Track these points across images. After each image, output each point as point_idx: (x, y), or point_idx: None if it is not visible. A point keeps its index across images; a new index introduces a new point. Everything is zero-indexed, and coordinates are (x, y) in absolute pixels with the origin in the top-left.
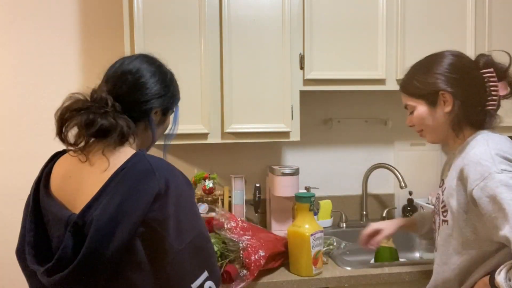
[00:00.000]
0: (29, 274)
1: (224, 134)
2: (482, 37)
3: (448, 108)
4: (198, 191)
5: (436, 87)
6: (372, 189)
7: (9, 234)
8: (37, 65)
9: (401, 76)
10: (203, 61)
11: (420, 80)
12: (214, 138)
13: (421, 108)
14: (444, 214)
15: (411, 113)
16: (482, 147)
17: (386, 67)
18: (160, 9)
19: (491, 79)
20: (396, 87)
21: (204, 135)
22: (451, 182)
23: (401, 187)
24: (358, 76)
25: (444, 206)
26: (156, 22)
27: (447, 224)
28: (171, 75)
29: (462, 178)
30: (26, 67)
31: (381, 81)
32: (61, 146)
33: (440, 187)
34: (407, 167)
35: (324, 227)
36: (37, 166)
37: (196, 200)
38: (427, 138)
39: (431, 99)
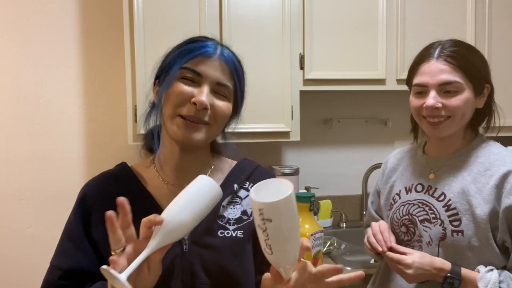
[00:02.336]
0: None
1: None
2: (482, 37)
3: (481, 103)
4: None
5: (487, 77)
6: (372, 189)
7: (9, 234)
8: (37, 65)
9: (401, 76)
10: None
11: (478, 62)
12: None
13: (469, 93)
14: (455, 223)
15: (448, 92)
16: None
17: (386, 67)
18: (160, 9)
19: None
20: (396, 87)
21: None
22: (470, 187)
23: None
24: (358, 76)
25: (456, 214)
26: (156, 22)
27: (462, 234)
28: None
29: (501, 187)
30: (26, 67)
31: (381, 81)
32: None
33: (422, 192)
34: None
35: (324, 227)
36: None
37: None
38: (445, 130)
39: (478, 88)
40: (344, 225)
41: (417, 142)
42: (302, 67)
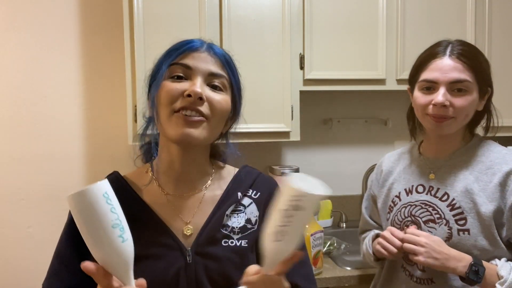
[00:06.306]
0: None
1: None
2: (482, 37)
3: (481, 106)
4: None
5: (490, 80)
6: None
7: (9, 234)
8: (37, 65)
9: (401, 76)
10: None
11: (485, 64)
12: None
13: (475, 94)
14: (461, 222)
15: (458, 90)
16: None
17: (386, 67)
18: (160, 9)
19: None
20: (396, 87)
21: None
22: (473, 186)
23: None
24: (358, 76)
25: (461, 213)
26: (156, 22)
27: (469, 233)
28: None
29: (504, 184)
30: (26, 67)
31: (381, 81)
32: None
33: (424, 193)
34: None
35: (324, 227)
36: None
37: None
38: (448, 128)
39: (483, 90)
40: (344, 225)
41: (415, 141)
42: (302, 67)
